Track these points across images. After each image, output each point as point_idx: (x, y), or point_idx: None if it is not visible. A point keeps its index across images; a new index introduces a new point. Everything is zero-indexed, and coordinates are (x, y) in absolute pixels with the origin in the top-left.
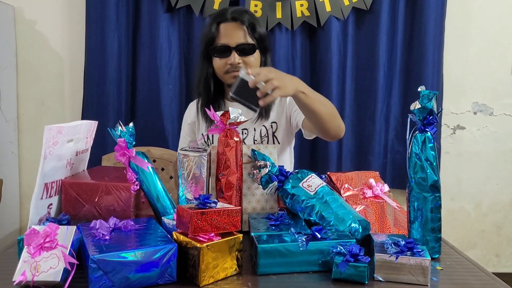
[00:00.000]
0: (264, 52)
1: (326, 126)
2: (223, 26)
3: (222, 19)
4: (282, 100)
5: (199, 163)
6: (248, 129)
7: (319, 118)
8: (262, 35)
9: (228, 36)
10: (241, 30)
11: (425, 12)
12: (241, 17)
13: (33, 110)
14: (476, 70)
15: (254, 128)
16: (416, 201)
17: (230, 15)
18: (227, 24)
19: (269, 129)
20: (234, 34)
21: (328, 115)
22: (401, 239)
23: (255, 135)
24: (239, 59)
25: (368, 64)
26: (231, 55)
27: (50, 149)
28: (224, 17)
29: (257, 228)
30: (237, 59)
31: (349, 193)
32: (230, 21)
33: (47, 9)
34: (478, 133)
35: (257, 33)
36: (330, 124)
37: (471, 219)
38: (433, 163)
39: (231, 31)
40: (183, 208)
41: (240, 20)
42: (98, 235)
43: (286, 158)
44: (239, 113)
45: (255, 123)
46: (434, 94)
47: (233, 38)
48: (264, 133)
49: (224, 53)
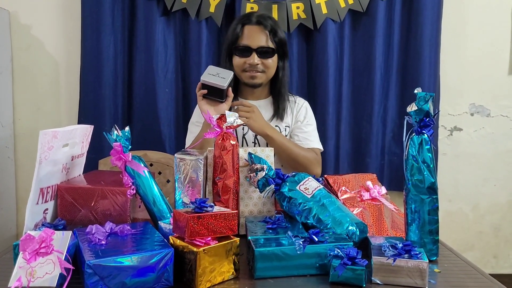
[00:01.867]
0: (282, 57)
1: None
2: (247, 28)
3: (247, 21)
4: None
5: (195, 167)
6: None
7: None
8: (282, 40)
9: (251, 38)
10: (263, 34)
11: (422, 13)
12: (264, 22)
13: (29, 114)
14: (473, 71)
15: None
16: (413, 203)
17: (255, 18)
18: (251, 26)
19: (282, 131)
20: (257, 36)
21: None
22: (398, 242)
23: None
24: (258, 60)
25: (365, 66)
26: (251, 55)
27: (46, 154)
28: (249, 20)
29: (254, 231)
30: (257, 60)
31: (346, 195)
32: (254, 24)
33: (43, 14)
34: (475, 134)
35: (278, 38)
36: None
37: (468, 220)
38: (430, 165)
39: (254, 34)
40: (179, 212)
41: (264, 24)
42: (94, 240)
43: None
44: (235, 117)
45: (269, 122)
46: (431, 96)
47: (255, 40)
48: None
49: (245, 53)
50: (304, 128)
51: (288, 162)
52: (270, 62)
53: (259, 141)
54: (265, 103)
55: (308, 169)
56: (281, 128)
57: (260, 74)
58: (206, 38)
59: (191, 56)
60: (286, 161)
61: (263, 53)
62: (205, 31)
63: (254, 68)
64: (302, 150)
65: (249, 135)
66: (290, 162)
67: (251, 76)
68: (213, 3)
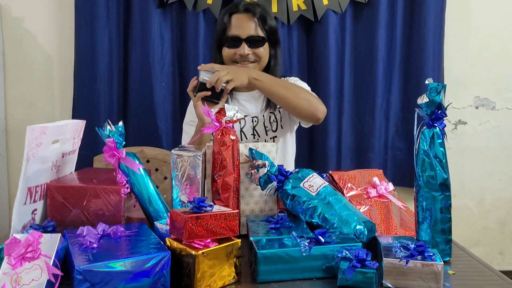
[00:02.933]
0: (273, 44)
1: (294, 107)
2: (235, 17)
3: (234, 10)
4: None
5: (193, 164)
6: (258, 117)
7: (283, 100)
8: (272, 28)
9: (239, 27)
10: (252, 22)
11: (425, 4)
12: (253, 9)
13: (22, 110)
14: (477, 63)
15: (263, 115)
16: (425, 201)
17: (243, 6)
18: (239, 15)
19: (277, 115)
20: (245, 25)
21: (294, 97)
22: (410, 242)
23: (265, 122)
24: (248, 50)
25: (367, 59)
26: (241, 46)
27: (33, 151)
28: (237, 9)
29: (256, 231)
30: (247, 50)
31: (353, 193)
32: (242, 12)
33: (35, 6)
34: (480, 128)
35: (268, 25)
36: (299, 105)
37: (474, 216)
38: (443, 160)
39: (243, 23)
40: (176, 213)
41: (252, 11)
42: (85, 243)
43: (288, 145)
44: (235, 110)
45: (264, 111)
46: (443, 86)
47: (244, 30)
48: (273, 119)
49: (235, 44)
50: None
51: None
52: (261, 51)
53: (258, 133)
54: (258, 93)
55: (313, 102)
56: (275, 114)
57: (252, 64)
58: (203, 31)
59: (188, 49)
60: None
61: (254, 42)
62: (203, 23)
63: (245, 59)
64: (297, 87)
65: (247, 127)
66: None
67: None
68: None
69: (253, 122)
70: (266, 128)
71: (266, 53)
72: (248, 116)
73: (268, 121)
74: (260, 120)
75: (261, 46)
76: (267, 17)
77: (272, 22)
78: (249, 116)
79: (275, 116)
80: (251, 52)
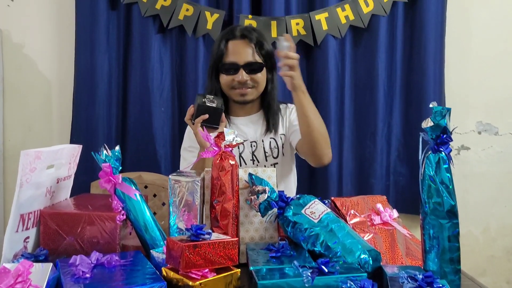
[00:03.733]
0: (270, 69)
1: (314, 140)
2: (231, 44)
3: (230, 36)
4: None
5: (191, 189)
6: (257, 141)
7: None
8: (269, 53)
9: (237, 53)
10: (249, 47)
11: (425, 28)
12: (249, 35)
13: (20, 136)
14: (479, 88)
15: (263, 140)
16: (432, 229)
17: (239, 32)
18: (235, 41)
19: (278, 141)
20: (243, 52)
21: (318, 128)
22: (417, 272)
23: (265, 147)
24: (246, 77)
25: (367, 83)
26: (239, 72)
27: (27, 176)
28: (233, 35)
29: (256, 260)
30: (245, 76)
31: (356, 220)
32: (239, 38)
33: (35, 32)
34: (483, 153)
35: (265, 50)
36: (318, 139)
37: (479, 244)
38: (449, 186)
39: (240, 49)
40: (173, 241)
41: (249, 37)
42: (77, 273)
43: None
44: (235, 135)
45: (264, 136)
46: (448, 110)
47: (242, 56)
48: (274, 145)
49: (232, 71)
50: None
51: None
52: (259, 77)
53: (257, 158)
54: (256, 117)
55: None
56: (276, 140)
57: (250, 90)
58: (203, 56)
59: (187, 74)
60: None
61: (251, 68)
62: (202, 48)
63: (244, 85)
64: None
65: (246, 153)
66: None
67: (241, 93)
68: (210, 20)
69: (251, 147)
70: (266, 154)
71: (264, 78)
72: (247, 141)
73: (269, 147)
74: (259, 145)
75: (259, 72)
76: (264, 42)
77: (269, 46)
78: (248, 141)
79: (276, 142)
80: (249, 78)
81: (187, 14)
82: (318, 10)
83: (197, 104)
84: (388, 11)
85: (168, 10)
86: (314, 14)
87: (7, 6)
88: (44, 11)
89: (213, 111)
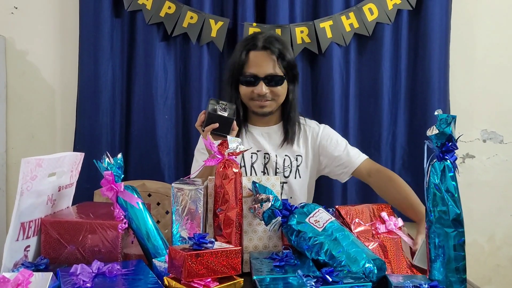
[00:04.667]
0: (292, 80)
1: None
2: (252, 54)
3: (252, 47)
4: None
5: (195, 197)
6: (270, 154)
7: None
8: (291, 64)
9: (258, 65)
10: (271, 60)
11: (429, 37)
12: (272, 47)
13: (23, 143)
14: (484, 96)
15: (276, 155)
16: (437, 238)
17: (261, 43)
18: (257, 52)
19: (293, 161)
20: (264, 64)
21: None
22: (423, 282)
23: (278, 162)
24: (266, 89)
25: (372, 91)
26: (259, 84)
27: (28, 184)
28: (255, 45)
29: (260, 269)
30: (265, 89)
31: (360, 228)
32: (261, 49)
33: (39, 39)
34: (488, 162)
35: (286, 62)
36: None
37: (484, 253)
38: (455, 195)
39: (261, 61)
40: (175, 250)
41: (271, 49)
42: (78, 283)
43: (303, 196)
44: (238, 142)
45: (279, 148)
46: (453, 118)
47: (262, 68)
48: (288, 163)
49: (252, 82)
50: (341, 149)
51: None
52: (279, 90)
53: (268, 172)
54: (276, 129)
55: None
56: (291, 157)
57: (270, 102)
58: (207, 63)
59: (191, 82)
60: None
61: (272, 81)
62: (206, 56)
63: (263, 97)
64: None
65: (258, 164)
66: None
67: (260, 105)
68: (214, 28)
69: (265, 158)
70: (277, 170)
71: (284, 91)
72: (261, 151)
73: (282, 164)
74: (272, 158)
75: (280, 85)
76: (286, 53)
77: (291, 56)
78: (261, 152)
79: (290, 161)
80: (269, 91)
81: (191, 22)
82: (323, 18)
83: (208, 111)
84: (392, 19)
85: (172, 17)
86: (319, 22)
87: (11, 13)
88: (48, 18)
89: (224, 120)
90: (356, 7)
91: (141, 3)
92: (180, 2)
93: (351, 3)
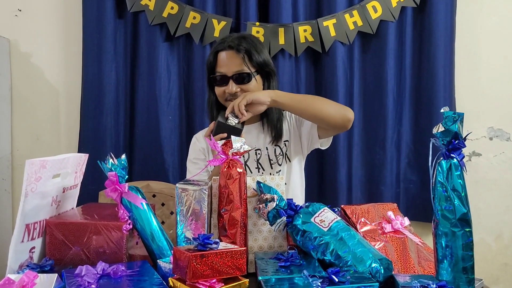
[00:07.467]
0: (267, 77)
1: (322, 118)
2: (220, 55)
3: (220, 47)
4: (292, 120)
5: (199, 198)
6: (261, 149)
7: (310, 115)
8: (261, 61)
9: (225, 65)
10: (238, 58)
11: (434, 34)
12: (237, 46)
13: (28, 145)
14: (490, 93)
15: (267, 148)
16: (444, 237)
17: (227, 43)
18: (224, 52)
19: (283, 147)
20: (231, 62)
21: (320, 109)
22: (431, 282)
23: (270, 154)
24: (236, 88)
25: (376, 90)
26: (229, 83)
27: (32, 186)
28: (222, 46)
29: (265, 270)
30: (234, 88)
31: (366, 228)
32: (227, 49)
33: (43, 42)
34: (495, 159)
35: (255, 60)
36: (327, 115)
37: (492, 251)
38: (461, 193)
39: (228, 60)
40: (180, 250)
41: (236, 48)
42: (83, 284)
43: (296, 179)
44: (242, 142)
45: (268, 144)
46: (459, 115)
47: (230, 67)
48: (279, 152)
49: (222, 82)
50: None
51: (315, 117)
52: (249, 87)
53: (263, 166)
54: (257, 126)
55: (341, 109)
56: (281, 147)
57: None
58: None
59: (195, 82)
60: (313, 119)
61: (240, 78)
62: None
63: (234, 96)
64: (317, 98)
65: (250, 161)
66: (317, 116)
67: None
68: (217, 28)
69: (256, 154)
70: (271, 162)
71: (255, 88)
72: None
73: (274, 154)
74: (263, 152)
75: (248, 82)
76: (253, 51)
77: (262, 54)
78: (252, 150)
79: (280, 149)
80: (239, 89)
81: (194, 22)
82: (326, 17)
83: (217, 121)
84: (396, 16)
85: (175, 18)
86: (322, 21)
87: (15, 16)
88: (52, 20)
89: (232, 129)
90: (359, 5)
91: (144, 4)
92: (183, 2)
93: (354, 1)
